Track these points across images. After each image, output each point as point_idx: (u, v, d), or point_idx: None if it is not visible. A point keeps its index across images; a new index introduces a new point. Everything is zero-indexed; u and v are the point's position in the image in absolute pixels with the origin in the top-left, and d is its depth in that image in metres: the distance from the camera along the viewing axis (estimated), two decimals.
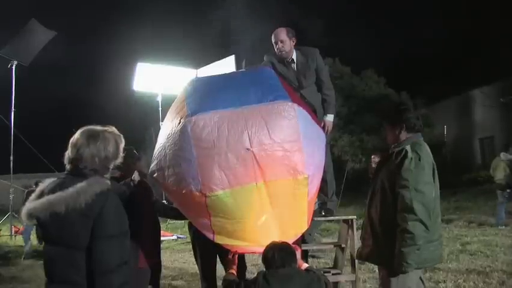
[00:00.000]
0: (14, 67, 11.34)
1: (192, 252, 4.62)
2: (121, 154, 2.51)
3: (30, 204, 2.29)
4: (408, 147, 3.20)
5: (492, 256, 7.06)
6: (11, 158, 11.33)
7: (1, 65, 11.61)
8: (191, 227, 4.63)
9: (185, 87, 3.61)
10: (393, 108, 3.56)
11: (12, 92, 11.39)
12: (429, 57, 26.20)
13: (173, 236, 10.79)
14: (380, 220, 3.25)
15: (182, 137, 3.13)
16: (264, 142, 3.07)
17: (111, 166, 2.44)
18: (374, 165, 11.66)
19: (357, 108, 22.28)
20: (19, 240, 10.30)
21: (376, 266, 6.62)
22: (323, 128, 4.34)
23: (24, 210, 2.28)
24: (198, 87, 3.52)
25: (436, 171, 3.29)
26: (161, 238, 10.08)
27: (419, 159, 3.14)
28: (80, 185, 2.23)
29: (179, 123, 3.19)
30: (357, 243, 4.00)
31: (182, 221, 12.85)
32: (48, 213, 2.20)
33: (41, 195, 2.31)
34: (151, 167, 3.51)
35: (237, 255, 3.50)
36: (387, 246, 3.14)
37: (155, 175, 3.46)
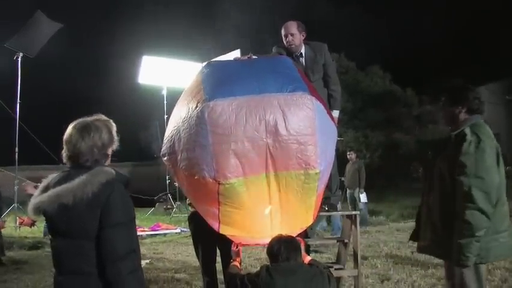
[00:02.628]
0: (19, 59, 11.35)
1: None
2: (116, 138, 2.52)
3: (37, 198, 2.30)
4: (467, 130, 3.02)
5: None
6: (16, 149, 11.37)
7: (7, 57, 11.64)
8: (191, 221, 4.67)
9: (201, 70, 3.56)
10: (456, 87, 3.33)
11: (17, 84, 11.42)
12: (435, 54, 26.10)
13: (176, 229, 10.82)
14: (440, 210, 3.10)
15: (198, 121, 3.09)
16: (280, 133, 3.06)
17: (109, 152, 2.46)
18: (350, 161, 11.76)
19: (362, 103, 22.24)
20: (24, 231, 10.36)
21: (378, 262, 6.69)
22: None
23: (31, 205, 2.30)
24: (215, 71, 3.48)
25: (501, 156, 3.06)
26: (165, 231, 10.20)
27: (479, 142, 2.96)
28: (86, 175, 2.26)
29: (195, 107, 3.14)
30: (360, 239, 4.02)
31: (185, 214, 12.94)
32: (56, 206, 2.22)
33: (46, 189, 2.32)
34: (162, 149, 3.49)
35: (241, 247, 3.51)
36: (448, 237, 2.97)
37: (166, 158, 3.44)
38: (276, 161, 3.10)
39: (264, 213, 3.26)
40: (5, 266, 7.10)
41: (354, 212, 4.38)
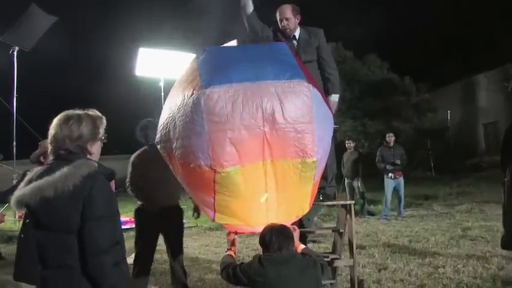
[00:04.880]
0: (15, 53, 11.30)
1: (194, 237, 4.71)
2: (101, 135, 2.48)
3: (19, 191, 2.29)
4: None
5: (493, 241, 7.07)
6: (14, 143, 11.36)
7: (3, 51, 11.58)
8: (138, 214, 4.91)
9: (196, 56, 3.49)
10: None
11: (14, 78, 11.38)
12: (432, 42, 26.00)
13: None
14: None
15: (194, 109, 3.03)
16: (277, 121, 3.02)
17: (89, 146, 2.41)
18: (349, 150, 11.72)
19: (360, 93, 22.22)
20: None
21: (376, 251, 6.71)
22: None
23: (13, 198, 2.28)
24: (211, 58, 3.40)
25: None
26: None
27: None
28: (68, 168, 2.23)
29: (191, 94, 3.09)
30: (355, 228, 4.01)
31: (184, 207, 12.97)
32: (38, 199, 2.21)
33: (29, 182, 2.31)
34: (157, 137, 3.46)
35: (236, 236, 3.50)
36: None
37: (160, 146, 3.41)
38: (273, 149, 3.08)
39: (259, 201, 3.24)
40: (4, 260, 7.13)
41: (349, 202, 4.37)
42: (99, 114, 2.53)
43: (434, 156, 20.89)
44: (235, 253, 3.40)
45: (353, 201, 4.45)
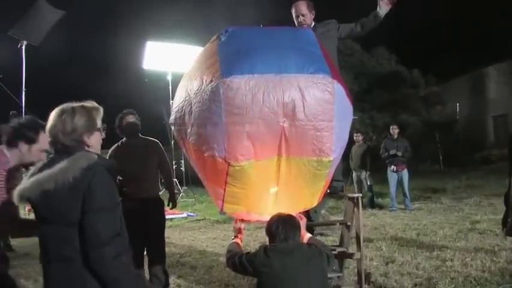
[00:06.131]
0: (23, 47, 11.35)
1: (202, 230, 4.68)
2: (98, 126, 2.46)
3: (21, 185, 2.29)
4: None
5: (501, 235, 7.00)
6: None
7: (11, 46, 11.63)
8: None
9: (216, 36, 3.36)
10: None
11: (22, 72, 11.44)
12: (441, 34, 25.77)
13: (183, 214, 10.89)
14: None
15: (212, 97, 2.92)
16: (297, 117, 2.94)
17: (86, 138, 2.38)
18: (357, 143, 11.66)
19: (368, 85, 22.10)
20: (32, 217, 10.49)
21: (383, 244, 6.70)
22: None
23: (15, 192, 2.28)
24: (232, 41, 3.23)
25: None
26: (172, 216, 10.26)
27: None
28: (67, 160, 2.23)
29: (210, 81, 2.97)
30: (363, 221, 4.00)
31: (192, 199, 13.01)
32: (39, 192, 2.21)
33: (31, 176, 2.31)
34: (171, 118, 3.40)
35: (243, 224, 3.48)
36: None
37: (174, 128, 3.36)
38: (291, 145, 3.01)
39: (269, 192, 3.21)
40: (14, 252, 7.20)
41: (356, 195, 4.36)
42: (95, 105, 2.49)
43: (442, 149, 20.77)
44: (241, 241, 3.38)
45: (361, 194, 4.46)
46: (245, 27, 3.69)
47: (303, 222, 3.23)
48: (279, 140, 2.98)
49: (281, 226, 2.94)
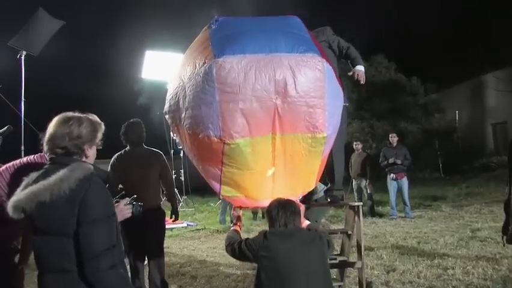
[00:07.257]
0: (23, 57, 11.37)
1: (202, 240, 4.66)
2: (98, 140, 2.47)
3: (15, 197, 2.27)
4: None
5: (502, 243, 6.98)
6: (22, 147, 11.42)
7: (10, 56, 11.65)
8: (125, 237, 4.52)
9: (207, 26, 3.44)
10: None
11: (22, 82, 11.45)
12: (440, 42, 25.86)
13: (183, 224, 10.84)
14: None
15: (205, 78, 2.99)
16: (289, 94, 3.00)
17: (85, 148, 2.38)
18: (356, 152, 11.64)
19: (367, 94, 22.09)
20: None
21: (384, 252, 6.66)
22: (356, 77, 4.50)
23: (10, 204, 2.26)
24: (223, 27, 3.34)
25: None
26: (171, 226, 10.23)
27: None
28: (63, 171, 2.22)
29: (203, 63, 3.05)
30: (363, 230, 3.97)
31: (192, 209, 12.97)
32: (34, 204, 2.19)
33: (26, 187, 2.29)
34: (165, 107, 3.42)
35: (241, 211, 3.50)
36: None
37: (168, 116, 3.37)
38: (284, 122, 3.05)
39: (266, 175, 3.22)
40: None
41: (357, 203, 4.34)
42: (98, 120, 2.53)
43: (442, 157, 20.74)
44: (240, 228, 3.39)
45: (361, 203, 4.43)
46: (236, 17, 3.80)
47: (302, 209, 3.24)
48: (273, 117, 3.03)
49: (281, 211, 2.95)
